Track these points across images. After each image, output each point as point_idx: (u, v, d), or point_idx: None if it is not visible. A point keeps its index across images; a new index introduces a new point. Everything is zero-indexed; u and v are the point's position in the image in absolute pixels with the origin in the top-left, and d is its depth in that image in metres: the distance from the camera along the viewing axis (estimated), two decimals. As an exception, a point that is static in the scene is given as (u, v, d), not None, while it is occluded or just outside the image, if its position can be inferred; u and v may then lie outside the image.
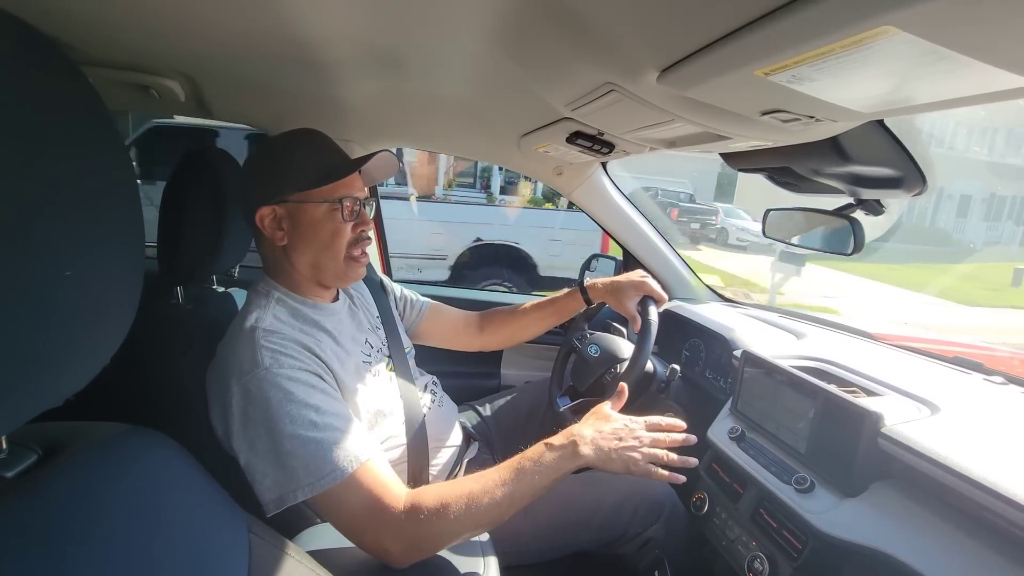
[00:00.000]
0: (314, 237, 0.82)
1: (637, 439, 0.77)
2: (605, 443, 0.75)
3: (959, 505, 0.61)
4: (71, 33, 0.82)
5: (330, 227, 0.82)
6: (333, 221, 0.81)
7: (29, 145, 0.27)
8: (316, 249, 0.82)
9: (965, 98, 0.45)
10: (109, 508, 0.36)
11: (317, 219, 0.81)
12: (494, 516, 0.69)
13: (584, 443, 0.75)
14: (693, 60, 0.51)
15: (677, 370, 1.02)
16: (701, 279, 1.57)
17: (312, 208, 0.81)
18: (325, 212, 0.81)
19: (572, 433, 0.76)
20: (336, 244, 0.82)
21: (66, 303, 0.30)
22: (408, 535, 0.67)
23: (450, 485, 0.71)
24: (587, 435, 0.76)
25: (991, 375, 0.92)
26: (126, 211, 0.34)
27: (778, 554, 0.75)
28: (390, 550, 0.67)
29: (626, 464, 0.75)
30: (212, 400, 0.75)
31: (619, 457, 0.75)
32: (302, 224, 0.81)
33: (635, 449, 0.76)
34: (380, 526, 0.67)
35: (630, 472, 0.75)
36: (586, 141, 1.02)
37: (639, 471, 0.75)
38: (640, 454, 0.75)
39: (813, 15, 0.36)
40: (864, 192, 0.92)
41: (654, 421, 0.80)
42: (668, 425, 0.80)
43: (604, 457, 0.75)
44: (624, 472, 0.75)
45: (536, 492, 0.72)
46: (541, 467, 0.72)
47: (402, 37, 0.77)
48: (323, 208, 0.81)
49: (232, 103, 1.22)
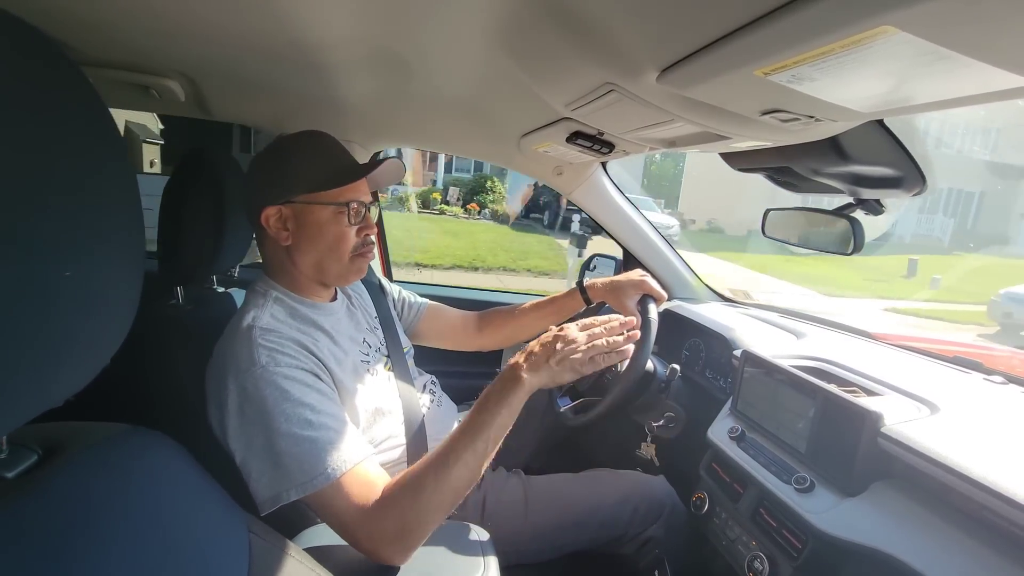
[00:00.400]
0: (319, 239, 0.82)
1: (572, 342, 0.77)
2: (541, 360, 0.76)
3: (959, 505, 0.61)
4: (71, 33, 0.82)
5: (335, 230, 0.82)
6: (339, 224, 0.82)
7: (29, 145, 0.27)
8: (320, 251, 0.83)
9: (964, 98, 0.45)
10: (109, 508, 0.36)
11: (323, 221, 0.81)
12: (466, 477, 0.69)
13: (522, 369, 0.76)
14: (693, 60, 0.51)
15: (677, 370, 1.02)
16: (701, 279, 1.57)
17: (319, 210, 0.81)
18: (331, 215, 0.81)
19: (509, 365, 0.78)
20: (341, 247, 0.83)
21: (66, 303, 0.30)
22: (394, 526, 0.67)
23: (419, 464, 0.71)
24: (522, 361, 0.77)
25: (991, 374, 0.92)
26: (126, 211, 0.34)
27: (778, 554, 0.76)
28: (383, 546, 0.67)
29: (572, 367, 0.76)
30: (210, 398, 0.75)
31: (561, 367, 0.76)
32: (308, 225, 0.81)
33: (574, 351, 0.76)
34: (371, 525, 0.67)
35: (581, 374, 0.77)
36: (586, 141, 1.02)
37: (587, 369, 0.77)
38: (581, 353, 0.76)
39: (812, 15, 0.36)
40: (864, 192, 0.92)
41: (586, 321, 0.82)
42: (602, 320, 0.82)
43: (548, 373, 0.76)
44: (576, 377, 0.77)
45: (498, 436, 0.72)
46: (493, 408, 0.73)
47: (403, 38, 0.77)
48: (329, 210, 0.81)
49: (232, 103, 1.22)
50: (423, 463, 0.71)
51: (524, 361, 0.77)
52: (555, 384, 0.77)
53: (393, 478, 0.71)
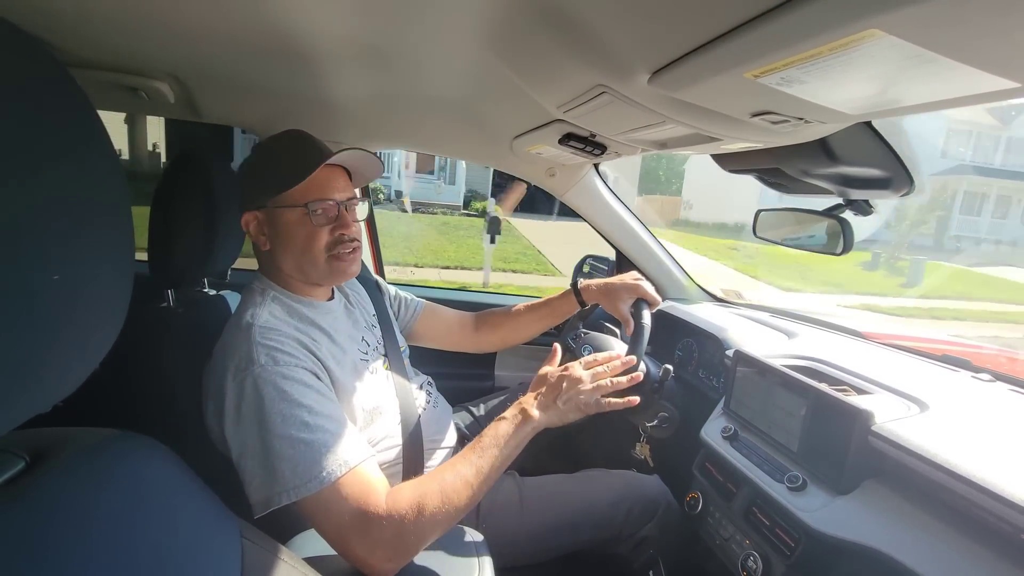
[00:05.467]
0: (290, 242, 0.81)
1: (578, 381, 0.81)
2: (550, 400, 0.80)
3: (949, 501, 0.62)
4: (57, 34, 0.81)
5: (304, 231, 0.80)
6: (306, 225, 0.80)
7: (16, 147, 0.27)
8: (295, 253, 0.82)
9: (951, 100, 0.45)
10: (98, 515, 0.36)
11: (292, 224, 0.80)
12: (468, 500, 0.70)
13: (531, 408, 0.79)
14: (684, 62, 0.51)
15: (670, 370, 1.02)
16: (694, 279, 1.58)
17: (286, 213, 0.80)
18: (299, 217, 0.80)
19: (520, 403, 0.81)
20: (312, 248, 0.81)
21: (54, 307, 0.29)
22: (391, 541, 0.65)
23: (424, 480, 0.71)
24: (532, 400, 0.81)
25: (978, 372, 0.93)
26: (115, 213, 0.34)
27: (771, 552, 0.76)
28: (375, 559, 0.65)
29: (578, 408, 0.80)
30: (208, 398, 0.74)
31: (567, 407, 0.80)
32: (279, 229, 0.81)
33: (580, 392, 0.80)
34: (365, 535, 0.65)
35: (586, 414, 0.81)
36: (578, 143, 1.02)
37: (592, 409, 0.81)
38: (585, 394, 0.80)
39: (801, 18, 0.37)
40: (853, 193, 0.93)
41: (589, 359, 0.86)
42: (604, 358, 0.86)
43: (555, 413, 0.79)
44: (581, 416, 0.81)
45: (502, 464, 0.75)
46: (500, 440, 0.76)
47: (392, 37, 0.77)
48: (296, 213, 0.80)
49: (221, 105, 1.21)
50: (427, 480, 0.70)
51: (534, 400, 0.81)
52: (563, 423, 0.80)
53: (394, 490, 0.69)
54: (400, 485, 0.71)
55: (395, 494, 0.68)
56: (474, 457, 0.74)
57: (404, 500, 0.67)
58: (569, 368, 0.83)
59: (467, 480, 0.71)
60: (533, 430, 0.78)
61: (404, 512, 0.66)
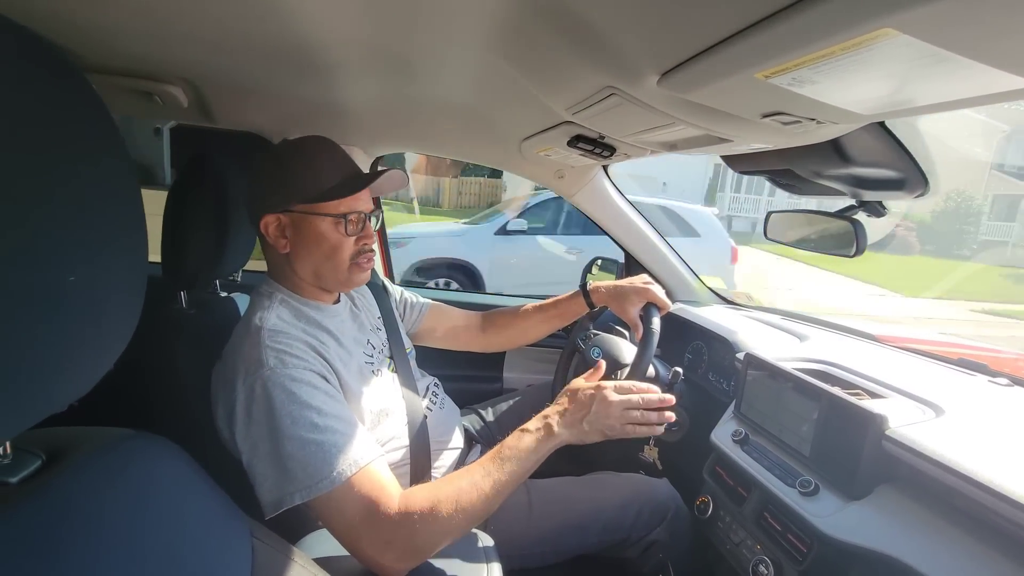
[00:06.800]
0: (316, 248, 0.82)
1: (608, 406, 0.78)
2: (577, 419, 0.78)
3: (965, 508, 0.61)
4: (73, 40, 0.82)
5: (333, 240, 0.81)
6: (336, 235, 0.81)
7: (33, 151, 0.27)
8: (317, 260, 0.82)
9: (965, 99, 0.45)
10: (112, 513, 0.36)
11: (321, 232, 0.81)
12: (482, 509, 0.70)
13: (556, 423, 0.77)
14: (693, 63, 0.51)
15: (680, 373, 1.01)
16: (704, 282, 1.57)
17: (317, 221, 0.80)
18: (329, 225, 0.81)
19: (545, 415, 0.79)
20: (338, 257, 0.82)
21: (69, 308, 0.30)
22: (402, 542, 0.66)
23: (439, 484, 0.71)
24: (557, 415, 0.78)
25: (996, 377, 0.92)
26: (129, 216, 0.34)
27: (783, 558, 0.75)
28: (386, 558, 0.66)
29: (602, 433, 0.78)
30: (217, 401, 0.75)
31: (592, 428, 0.77)
32: (306, 235, 0.81)
33: (608, 418, 0.77)
34: (376, 534, 0.66)
35: (608, 438, 0.78)
36: (587, 144, 1.02)
37: (616, 435, 0.78)
38: (613, 421, 0.77)
39: (813, 18, 0.36)
40: (866, 194, 0.92)
41: (625, 384, 0.81)
42: (640, 388, 0.81)
43: (578, 432, 0.77)
44: (601, 439, 0.78)
45: (520, 478, 0.73)
46: (520, 453, 0.74)
47: (405, 42, 0.77)
48: (328, 222, 0.81)
49: (235, 109, 1.22)
50: (443, 485, 0.71)
51: (559, 416, 0.78)
52: (582, 443, 0.78)
53: (409, 491, 0.70)
54: (415, 487, 0.71)
55: (409, 495, 0.69)
56: (492, 468, 0.73)
57: (418, 502, 0.67)
58: (602, 389, 0.80)
59: (483, 491, 0.70)
60: (555, 446, 0.77)
61: (416, 514, 0.66)
